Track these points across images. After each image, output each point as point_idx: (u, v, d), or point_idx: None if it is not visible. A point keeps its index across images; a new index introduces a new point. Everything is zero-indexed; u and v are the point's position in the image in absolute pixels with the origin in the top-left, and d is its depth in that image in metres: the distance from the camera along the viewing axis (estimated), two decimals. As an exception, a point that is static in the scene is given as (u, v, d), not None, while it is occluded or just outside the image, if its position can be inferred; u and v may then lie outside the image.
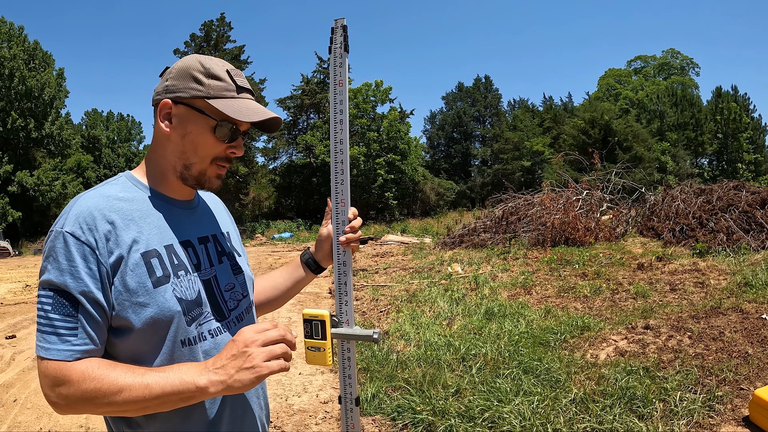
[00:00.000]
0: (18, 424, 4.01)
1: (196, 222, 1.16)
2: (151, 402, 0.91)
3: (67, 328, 0.92)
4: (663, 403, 3.06)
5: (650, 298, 5.86)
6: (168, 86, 1.06)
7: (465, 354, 4.48)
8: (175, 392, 0.91)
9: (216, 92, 1.04)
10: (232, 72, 1.08)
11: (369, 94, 39.06)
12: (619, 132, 32.40)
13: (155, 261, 1.01)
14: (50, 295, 0.93)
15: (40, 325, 0.93)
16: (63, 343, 0.92)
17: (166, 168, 1.09)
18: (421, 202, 41.64)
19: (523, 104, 54.04)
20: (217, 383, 0.92)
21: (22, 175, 33.92)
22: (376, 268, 11.75)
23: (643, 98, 47.45)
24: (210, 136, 1.05)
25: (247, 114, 1.05)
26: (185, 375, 0.92)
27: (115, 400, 0.90)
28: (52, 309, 0.92)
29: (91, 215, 0.97)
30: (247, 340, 0.94)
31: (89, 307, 0.94)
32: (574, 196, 11.81)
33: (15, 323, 7.85)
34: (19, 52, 34.79)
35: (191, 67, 1.05)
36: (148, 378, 0.92)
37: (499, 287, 7.39)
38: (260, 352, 0.93)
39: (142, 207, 1.05)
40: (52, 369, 0.91)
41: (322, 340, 1.24)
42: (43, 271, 0.95)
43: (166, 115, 1.05)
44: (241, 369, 0.92)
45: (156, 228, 1.05)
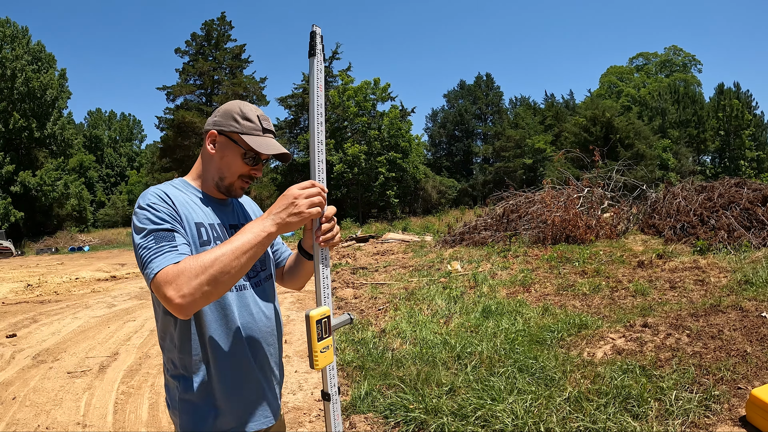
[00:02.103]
0: (16, 421, 4.01)
1: (230, 214, 1.55)
2: (243, 257, 1.21)
3: (171, 247, 1.24)
4: (658, 403, 3.01)
5: (650, 296, 5.82)
6: (216, 121, 1.48)
7: (461, 352, 4.45)
8: (255, 242, 1.24)
9: (247, 130, 1.45)
10: (261, 117, 1.48)
11: (369, 92, 38.98)
12: (621, 129, 32.31)
13: (202, 229, 1.40)
14: (152, 237, 1.25)
15: (149, 258, 1.21)
16: (169, 255, 1.22)
17: (208, 177, 1.51)
18: (422, 200, 41.60)
19: (524, 102, 53.94)
20: (278, 224, 1.27)
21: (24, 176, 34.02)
22: (376, 266, 11.74)
23: (645, 95, 47.29)
24: (239, 160, 1.46)
25: (266, 148, 1.45)
26: (256, 228, 1.26)
27: (218, 268, 1.18)
28: (155, 242, 1.24)
29: (159, 191, 1.37)
30: (295, 194, 1.29)
31: (178, 233, 1.30)
32: (575, 194, 11.77)
33: (15, 322, 7.87)
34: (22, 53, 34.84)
35: (233, 110, 1.47)
36: (232, 243, 1.22)
37: (498, 285, 7.37)
38: (305, 203, 1.28)
39: (191, 197, 1.45)
40: (171, 272, 1.17)
41: (329, 337, 1.33)
42: (141, 230, 1.27)
43: (212, 141, 1.48)
44: (291, 214, 1.27)
45: (201, 210, 1.44)
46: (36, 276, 15.81)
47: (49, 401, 4.41)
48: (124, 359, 5.55)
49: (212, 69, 37.52)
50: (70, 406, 4.29)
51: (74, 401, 4.39)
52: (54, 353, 5.94)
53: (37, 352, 5.98)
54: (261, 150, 1.43)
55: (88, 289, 11.87)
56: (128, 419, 3.95)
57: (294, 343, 5.90)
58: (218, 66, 38.49)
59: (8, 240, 29.84)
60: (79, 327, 7.36)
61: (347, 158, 36.30)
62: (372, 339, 5.28)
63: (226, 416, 1.40)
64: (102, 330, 7.09)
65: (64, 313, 8.50)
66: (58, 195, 35.83)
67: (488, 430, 2.88)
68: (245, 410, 1.44)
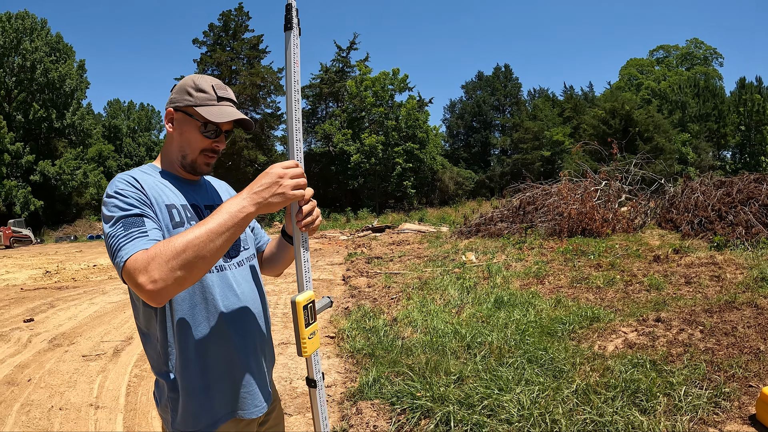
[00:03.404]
0: (31, 401, 4.11)
1: (203, 194, 1.50)
2: (218, 239, 1.15)
3: (140, 233, 1.18)
4: (667, 398, 2.97)
5: (664, 290, 5.74)
6: (171, 98, 1.43)
7: (471, 342, 4.44)
8: (232, 223, 1.16)
9: (201, 101, 1.38)
10: (216, 86, 1.41)
11: (386, 82, 38.84)
12: (640, 122, 31.80)
13: (174, 211, 1.34)
14: (120, 224, 1.19)
15: (118, 246, 1.16)
16: (139, 240, 1.16)
17: (173, 157, 1.45)
18: (439, 191, 41.52)
19: (543, 93, 53.42)
20: (258, 204, 1.19)
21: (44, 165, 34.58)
22: (391, 256, 11.77)
23: (665, 88, 46.42)
24: (198, 133, 1.40)
25: (220, 116, 1.38)
26: (232, 208, 1.18)
27: (192, 253, 1.11)
28: (124, 229, 1.18)
29: (127, 176, 1.31)
30: (280, 173, 1.22)
31: (148, 218, 1.24)
32: (592, 187, 11.64)
33: (33, 307, 8.04)
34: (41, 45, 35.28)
35: (186, 84, 1.41)
36: (206, 225, 1.15)
37: (512, 276, 7.33)
38: (290, 183, 1.22)
39: (160, 180, 1.40)
40: (141, 259, 1.11)
41: (315, 322, 1.31)
42: (109, 218, 1.21)
43: (170, 120, 1.43)
44: (274, 194, 1.20)
45: (172, 192, 1.38)
46: (55, 263, 16.13)
47: (63, 383, 4.51)
48: (138, 343, 5.64)
49: (230, 59, 37.67)
50: (84, 387, 4.38)
51: (88, 383, 4.48)
52: (70, 337, 6.06)
53: (53, 336, 6.10)
54: (214, 119, 1.36)
55: (105, 276, 12.08)
56: (140, 401, 4.01)
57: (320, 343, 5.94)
58: (236, 56, 38.63)
59: (28, 228, 30.48)
60: (95, 312, 7.50)
61: (364, 148, 36.30)
62: (383, 327, 5.30)
63: (216, 407, 1.36)
64: (117, 315, 7.21)
65: (81, 299, 8.66)
66: (77, 184, 36.37)
67: (494, 419, 2.87)
68: (236, 398, 1.39)
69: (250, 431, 1.44)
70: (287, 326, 6.18)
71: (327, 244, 17.86)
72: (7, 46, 34.10)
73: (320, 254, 14.38)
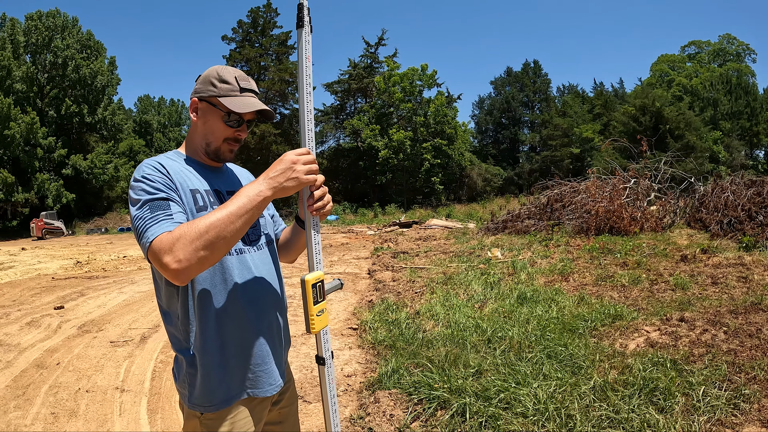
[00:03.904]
0: (59, 384, 4.27)
1: (225, 180, 1.56)
2: (238, 221, 1.22)
3: (166, 215, 1.25)
4: (686, 397, 2.93)
5: (690, 290, 5.64)
6: (196, 89, 1.49)
7: (491, 336, 4.45)
8: (251, 206, 1.25)
9: (225, 92, 1.44)
10: (239, 77, 1.47)
11: (415, 78, 38.68)
12: (671, 120, 31.02)
13: (198, 196, 1.41)
14: (147, 207, 1.26)
15: (145, 228, 1.23)
16: (164, 222, 1.23)
17: (197, 145, 1.52)
18: (467, 188, 41.25)
19: (572, 90, 52.57)
20: (274, 188, 1.28)
21: (76, 159, 35.48)
22: (417, 251, 11.82)
23: (696, 85, 45.17)
24: (221, 123, 1.46)
25: (242, 107, 1.43)
26: (250, 192, 1.26)
27: (214, 233, 1.19)
28: (150, 211, 1.25)
29: (154, 162, 1.38)
30: (293, 159, 1.31)
31: (173, 201, 1.31)
32: (621, 185, 11.47)
33: (64, 295, 8.30)
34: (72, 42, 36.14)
35: (210, 75, 1.47)
36: (227, 208, 1.23)
37: (537, 273, 7.29)
38: (303, 168, 1.31)
39: (185, 166, 1.47)
40: (166, 240, 1.19)
41: (323, 301, 1.38)
42: (137, 201, 1.28)
43: (195, 109, 1.50)
44: (289, 178, 1.29)
45: (196, 178, 1.45)
46: (85, 254, 16.59)
47: (90, 367, 4.67)
48: (164, 331, 5.77)
49: (259, 55, 38.02)
50: (111, 372, 4.53)
51: (114, 368, 4.63)
52: (98, 324, 6.25)
53: (83, 323, 6.30)
54: (236, 109, 1.42)
55: (134, 267, 12.37)
56: (164, 386, 4.13)
57: (330, 321, 6.01)
58: (264, 52, 38.97)
59: (60, 220, 31.38)
60: (124, 301, 7.71)
61: (392, 144, 36.25)
62: (405, 320, 5.34)
63: (232, 383, 1.41)
64: (146, 304, 7.40)
65: (111, 288, 8.91)
66: (109, 178, 37.21)
67: (509, 412, 2.88)
68: (251, 377, 1.45)
69: (262, 409, 1.50)
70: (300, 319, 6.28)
71: (354, 238, 17.96)
72: (39, 43, 35.02)
73: (347, 248, 14.47)
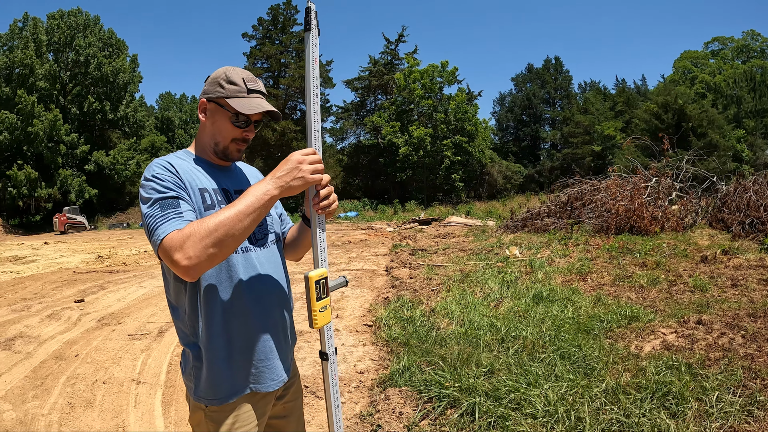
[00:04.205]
0: (76, 375, 4.36)
1: (233, 179, 1.59)
2: (246, 219, 1.26)
3: (176, 214, 1.30)
4: (699, 403, 2.87)
5: (709, 292, 5.53)
6: (205, 89, 1.52)
7: (505, 335, 4.43)
8: (258, 205, 1.28)
9: (232, 93, 1.47)
10: (246, 79, 1.49)
11: (435, 75, 38.56)
12: (694, 117, 30.40)
13: (206, 194, 1.45)
14: (158, 205, 1.30)
15: (156, 225, 1.27)
16: (175, 221, 1.28)
17: (206, 145, 1.55)
18: (488, 185, 41.07)
19: (594, 87, 51.96)
20: (281, 187, 1.31)
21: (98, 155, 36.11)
22: (436, 248, 11.81)
23: (719, 82, 44.13)
24: (229, 123, 1.49)
25: (248, 108, 1.46)
26: (258, 191, 1.30)
27: (223, 231, 1.23)
28: (161, 210, 1.29)
29: (163, 161, 1.42)
30: (299, 159, 1.33)
31: (183, 200, 1.35)
32: (642, 183, 11.31)
33: (84, 289, 8.47)
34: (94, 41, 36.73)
35: (218, 76, 1.50)
36: (235, 206, 1.27)
37: (554, 272, 7.23)
38: (308, 168, 1.33)
39: (194, 165, 1.50)
40: (177, 237, 1.23)
41: (326, 297, 1.40)
42: (147, 200, 1.32)
43: (203, 109, 1.52)
44: (295, 178, 1.32)
45: (204, 177, 1.48)
46: (107, 248, 16.89)
47: (108, 359, 4.76)
48: (180, 326, 5.89)
49: (279, 53, 38.26)
50: (128, 364, 4.61)
51: (132, 360, 4.72)
52: (117, 317, 6.37)
53: (102, 316, 6.42)
54: (243, 110, 1.44)
55: (154, 261, 12.55)
56: (179, 379, 4.20)
57: (345, 318, 6.07)
58: (285, 49, 39.20)
59: (82, 215, 32.03)
60: (144, 295, 7.84)
61: (413, 141, 36.20)
62: (420, 317, 5.35)
63: (236, 378, 1.45)
64: (164, 298, 7.44)
65: (131, 282, 9.07)
66: (131, 173, 37.83)
67: (519, 413, 2.87)
68: (255, 373, 1.48)
69: (266, 403, 1.54)
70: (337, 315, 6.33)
71: (373, 235, 18.01)
72: (62, 42, 35.70)
73: (365, 245, 14.51)
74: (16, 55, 33.55)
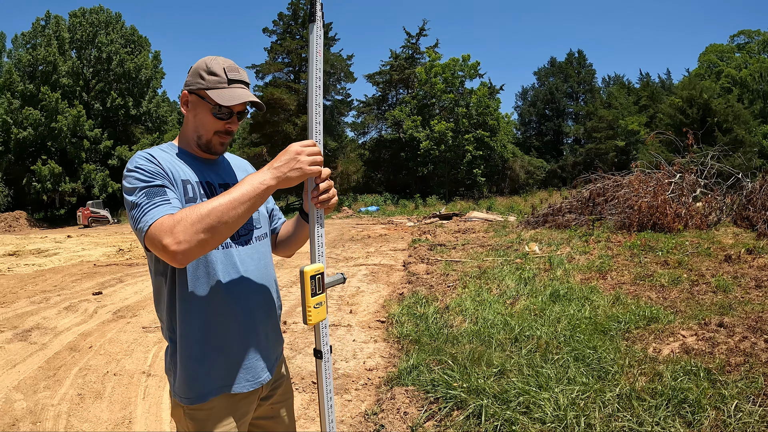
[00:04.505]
0: (89, 366, 4.41)
1: (219, 172, 1.56)
2: (240, 207, 1.23)
3: (163, 200, 1.27)
4: (716, 411, 2.74)
5: (732, 293, 5.35)
6: (187, 81, 1.49)
7: (519, 334, 4.34)
8: (254, 194, 1.25)
9: (212, 85, 1.43)
10: (227, 68, 1.45)
11: (457, 69, 38.23)
12: (719, 112, 29.61)
13: (188, 186, 1.42)
14: (144, 193, 1.27)
15: (143, 212, 1.24)
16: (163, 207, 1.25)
17: (189, 137, 1.52)
18: (510, 180, 40.72)
19: (618, 80, 51.09)
20: (278, 178, 1.28)
21: (121, 150, 36.70)
22: (455, 243, 11.74)
23: (746, 77, 42.89)
24: (210, 116, 1.45)
25: (228, 99, 1.42)
26: (254, 180, 1.27)
27: (215, 217, 1.20)
28: (147, 197, 1.26)
29: (145, 153, 1.39)
30: (298, 150, 1.31)
31: (169, 189, 1.32)
32: (665, 179, 11.04)
33: (103, 282, 8.59)
34: (116, 38, 37.25)
35: (199, 67, 1.46)
36: (230, 194, 1.24)
37: (573, 270, 7.09)
38: (306, 160, 1.31)
39: (177, 157, 1.47)
40: (167, 222, 1.20)
41: (322, 293, 1.36)
42: (132, 190, 1.29)
43: (185, 102, 1.49)
44: (293, 169, 1.29)
45: (188, 168, 1.46)
46: (128, 242, 17.15)
47: (121, 351, 4.81)
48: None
49: (299, 47, 38.24)
50: (139, 356, 4.65)
51: (143, 352, 4.75)
52: (133, 310, 6.43)
53: (118, 309, 6.50)
54: (223, 102, 1.41)
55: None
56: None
57: (359, 313, 6.05)
58: (305, 44, 39.07)
59: (106, 209, 32.63)
60: (159, 288, 7.93)
61: (434, 135, 35.95)
62: (433, 314, 5.29)
63: (211, 378, 1.42)
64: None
65: (148, 275, 9.16)
66: (154, 168, 38.42)
67: (527, 417, 2.78)
68: (230, 374, 1.44)
69: (248, 404, 1.50)
70: (340, 308, 6.32)
71: (393, 229, 17.99)
72: (84, 39, 36.27)
73: (384, 240, 14.50)
74: (39, 52, 34.20)
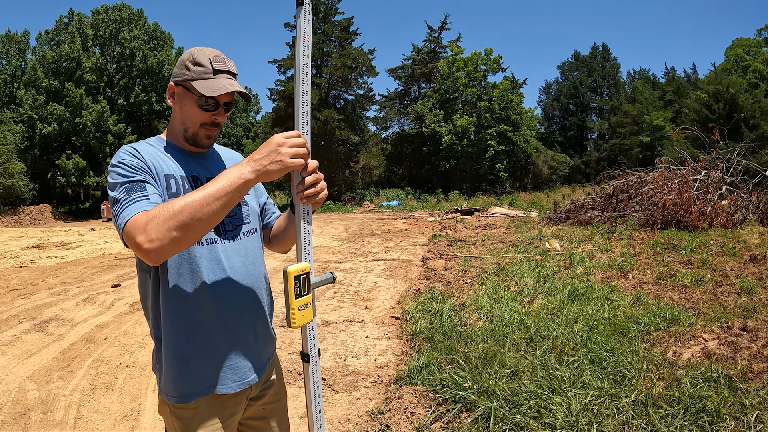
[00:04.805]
0: (102, 358, 4.46)
1: (207, 166, 1.51)
2: (215, 203, 1.18)
3: (141, 196, 1.24)
4: (736, 422, 2.61)
5: (756, 295, 5.17)
6: (173, 73, 1.46)
7: (534, 334, 4.24)
8: (230, 189, 1.19)
9: (197, 75, 1.40)
10: (213, 59, 1.41)
11: (479, 63, 37.86)
12: (746, 108, 28.81)
13: (172, 181, 1.38)
14: (123, 189, 1.24)
15: (121, 208, 1.21)
16: (140, 203, 1.22)
17: (176, 130, 1.49)
18: (532, 176, 40.32)
19: (643, 75, 50.03)
20: (257, 171, 1.22)
21: (145, 145, 37.35)
22: (475, 239, 11.65)
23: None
24: (196, 108, 1.42)
25: (212, 90, 1.38)
26: (232, 174, 1.21)
27: (188, 214, 1.15)
28: (127, 193, 1.23)
29: (129, 148, 1.37)
30: (279, 142, 1.24)
31: (149, 184, 1.29)
32: (690, 176, 10.79)
33: (122, 274, 8.69)
34: (139, 34, 37.76)
35: (185, 58, 1.43)
36: (205, 189, 1.19)
37: (594, 268, 6.94)
38: (288, 152, 1.24)
39: (163, 151, 1.44)
40: (141, 219, 1.16)
41: (307, 295, 1.29)
42: (114, 185, 1.27)
43: (172, 94, 1.47)
44: (273, 161, 1.22)
45: (173, 163, 1.42)
46: (148, 234, 17.40)
47: (135, 343, 4.85)
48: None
49: (321, 42, 38.25)
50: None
51: (156, 346, 4.80)
52: (149, 303, 6.51)
53: (135, 301, 6.55)
54: (208, 92, 1.37)
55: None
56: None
57: (374, 309, 6.03)
58: (327, 39, 39.18)
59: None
60: (177, 281, 8.01)
61: (456, 130, 35.67)
62: (448, 312, 5.21)
63: (195, 378, 1.38)
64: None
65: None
66: (177, 163, 39.07)
67: (537, 422, 2.70)
68: (216, 374, 1.41)
69: (235, 404, 1.47)
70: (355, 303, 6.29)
71: (414, 224, 17.94)
72: (107, 36, 36.80)
73: (405, 234, 14.46)
74: (63, 49, 34.81)
